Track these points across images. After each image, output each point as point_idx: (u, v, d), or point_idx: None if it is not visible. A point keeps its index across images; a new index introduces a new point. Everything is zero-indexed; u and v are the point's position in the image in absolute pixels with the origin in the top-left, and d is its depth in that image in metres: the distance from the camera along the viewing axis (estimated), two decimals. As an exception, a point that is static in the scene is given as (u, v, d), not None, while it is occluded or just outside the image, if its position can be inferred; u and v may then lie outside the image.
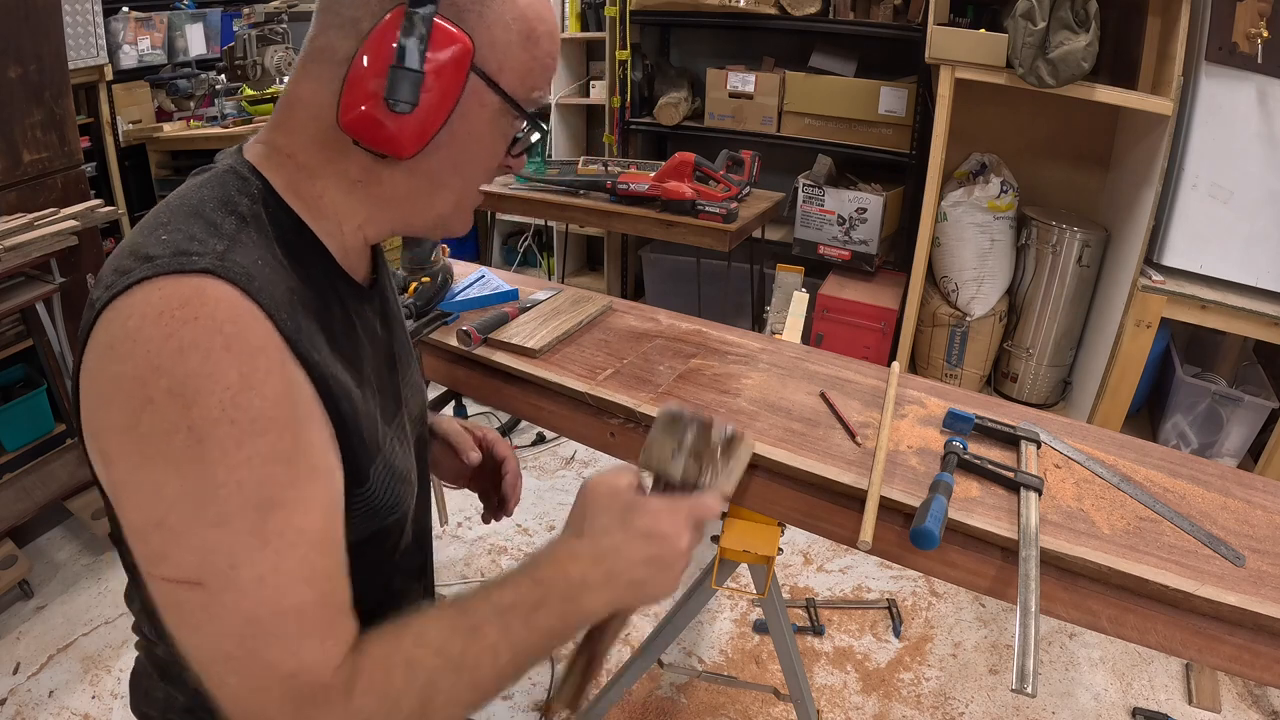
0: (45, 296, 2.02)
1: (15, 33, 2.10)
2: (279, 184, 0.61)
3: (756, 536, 1.10)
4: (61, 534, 2.27)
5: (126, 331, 0.50)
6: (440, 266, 1.37)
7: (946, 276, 2.75)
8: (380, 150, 0.59)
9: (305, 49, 0.61)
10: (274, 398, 0.52)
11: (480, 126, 0.62)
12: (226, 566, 0.50)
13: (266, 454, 0.51)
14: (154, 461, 0.49)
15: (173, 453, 0.49)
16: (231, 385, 0.50)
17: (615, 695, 1.50)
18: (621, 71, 3.21)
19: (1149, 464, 0.95)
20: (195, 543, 0.50)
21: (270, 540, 0.51)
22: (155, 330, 0.50)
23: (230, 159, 0.62)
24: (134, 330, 0.50)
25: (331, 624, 0.55)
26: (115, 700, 1.75)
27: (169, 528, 0.50)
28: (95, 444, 0.54)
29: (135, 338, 0.50)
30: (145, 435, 0.49)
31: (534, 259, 4.00)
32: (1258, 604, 0.72)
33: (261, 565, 0.51)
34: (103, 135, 3.11)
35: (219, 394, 0.49)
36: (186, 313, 0.50)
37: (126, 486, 0.52)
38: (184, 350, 0.49)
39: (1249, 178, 2.14)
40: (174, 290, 0.51)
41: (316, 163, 0.61)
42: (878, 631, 2.00)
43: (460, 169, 0.64)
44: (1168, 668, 1.91)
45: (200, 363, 0.49)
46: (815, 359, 1.17)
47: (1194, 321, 2.25)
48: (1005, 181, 2.62)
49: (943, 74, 2.37)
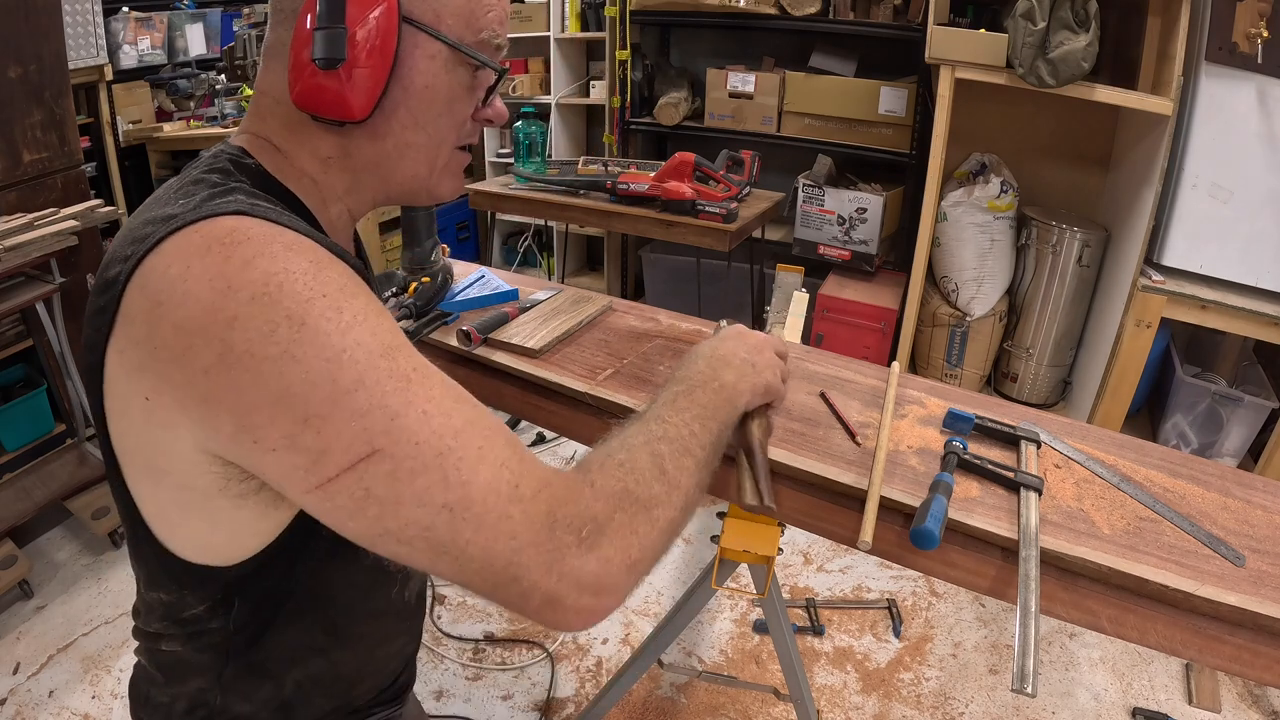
0: (45, 296, 2.03)
1: (15, 33, 2.10)
2: (269, 166, 0.63)
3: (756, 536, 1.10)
4: (61, 534, 2.28)
5: (172, 279, 0.49)
6: (440, 266, 1.37)
7: (946, 276, 2.75)
8: (332, 117, 0.59)
9: (263, 52, 0.64)
10: (346, 272, 0.53)
11: (433, 79, 0.62)
12: (388, 421, 0.48)
13: (364, 309, 0.51)
14: (266, 368, 0.47)
15: (281, 348, 0.47)
16: (307, 269, 0.50)
17: (615, 695, 1.50)
18: (621, 71, 3.21)
19: (1149, 464, 0.95)
20: (347, 417, 0.48)
21: (410, 377, 0.51)
22: (208, 262, 0.48)
23: (218, 146, 0.64)
24: (182, 274, 0.49)
25: (505, 430, 0.55)
26: (115, 700, 1.75)
27: (315, 419, 0.47)
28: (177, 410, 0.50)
29: (187, 278, 0.48)
30: (245, 351, 0.47)
31: (534, 259, 4.00)
32: (1258, 604, 0.72)
33: (417, 400, 0.50)
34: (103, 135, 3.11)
35: (299, 278, 0.49)
36: (234, 238, 0.50)
37: (250, 413, 0.48)
38: (248, 262, 0.49)
39: (1249, 178, 2.14)
40: (209, 229, 0.50)
41: (290, 146, 0.63)
42: (878, 631, 2.00)
43: (423, 125, 0.64)
44: (1168, 668, 1.91)
45: (269, 264, 0.49)
46: (815, 359, 1.17)
47: (1194, 321, 2.24)
48: (1005, 181, 2.62)
49: (943, 74, 2.37)
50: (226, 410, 0.48)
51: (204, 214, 0.51)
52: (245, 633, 0.64)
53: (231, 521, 0.57)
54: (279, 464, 0.49)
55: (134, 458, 0.57)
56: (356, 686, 0.75)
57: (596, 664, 1.89)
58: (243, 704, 0.67)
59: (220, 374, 0.47)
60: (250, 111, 0.65)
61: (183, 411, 0.50)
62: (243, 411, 0.48)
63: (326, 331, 0.48)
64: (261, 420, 0.48)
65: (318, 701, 0.71)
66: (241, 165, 0.61)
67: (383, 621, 0.75)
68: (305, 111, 0.60)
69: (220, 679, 0.66)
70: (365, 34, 0.57)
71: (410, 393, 0.50)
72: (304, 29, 0.57)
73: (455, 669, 1.87)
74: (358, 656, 0.73)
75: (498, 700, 1.79)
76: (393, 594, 0.75)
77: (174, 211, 0.52)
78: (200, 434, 0.51)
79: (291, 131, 0.63)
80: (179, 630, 0.64)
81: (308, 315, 0.48)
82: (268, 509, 0.58)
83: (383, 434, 0.48)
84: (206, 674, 0.66)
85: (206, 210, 0.51)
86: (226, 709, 0.67)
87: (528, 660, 1.90)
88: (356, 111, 0.59)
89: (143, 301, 0.50)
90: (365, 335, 0.50)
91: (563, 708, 1.78)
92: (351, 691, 0.75)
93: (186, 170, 0.62)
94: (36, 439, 2.35)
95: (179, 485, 0.55)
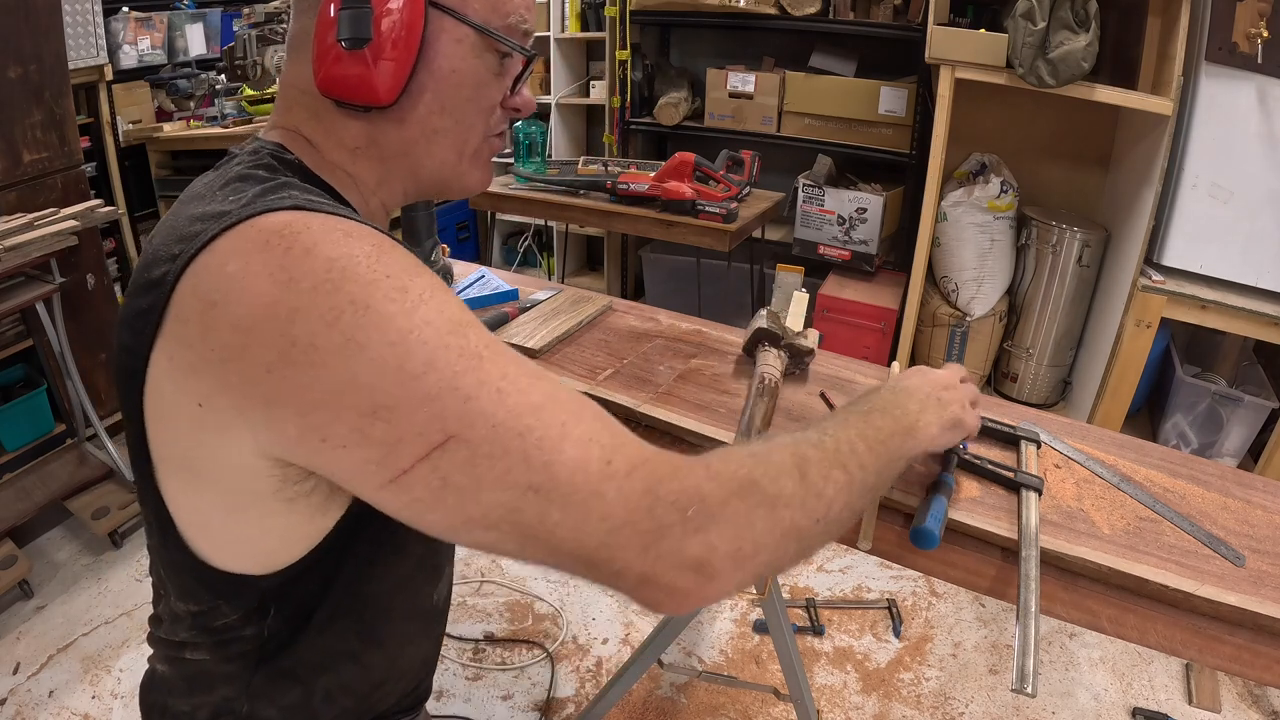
0: (45, 296, 2.02)
1: (15, 33, 2.10)
2: (308, 162, 0.62)
3: (756, 536, 1.10)
4: (61, 534, 2.27)
5: (230, 277, 0.47)
6: (440, 266, 1.37)
7: (946, 276, 2.75)
8: (357, 101, 0.58)
9: (287, 44, 0.64)
10: (408, 254, 0.51)
11: (460, 63, 0.61)
12: (462, 404, 0.46)
13: (430, 287, 0.49)
14: (331, 359, 0.45)
15: (346, 335, 0.45)
16: (369, 253, 0.48)
17: (615, 695, 1.50)
18: (621, 71, 3.21)
19: (1149, 464, 0.95)
20: (418, 403, 0.45)
21: (481, 354, 0.48)
22: (268, 257, 0.47)
23: (254, 142, 0.63)
24: (241, 270, 0.47)
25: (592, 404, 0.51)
26: (115, 700, 1.75)
27: (386, 408, 0.45)
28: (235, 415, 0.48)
29: (245, 274, 0.46)
30: (308, 344, 0.45)
31: (534, 259, 4.00)
32: (1258, 604, 0.72)
33: (490, 379, 0.47)
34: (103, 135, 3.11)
35: (362, 262, 0.47)
36: (293, 229, 0.48)
37: (317, 410, 0.46)
38: (309, 251, 0.47)
39: (1249, 178, 2.14)
40: (267, 223, 0.49)
41: (318, 137, 0.62)
42: (878, 631, 2.00)
43: (450, 110, 0.63)
44: (1168, 668, 1.90)
45: (331, 250, 0.47)
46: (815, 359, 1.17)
47: (1194, 321, 2.24)
48: (1005, 181, 2.62)
49: (943, 74, 2.37)
50: (292, 410, 0.46)
51: (259, 209, 0.49)
52: (278, 639, 0.62)
53: (281, 526, 0.56)
54: (350, 461, 0.47)
55: (175, 465, 0.55)
56: (382, 688, 0.74)
57: (596, 664, 1.89)
58: (269, 709, 0.66)
59: (283, 371, 0.45)
60: (278, 106, 0.65)
61: (242, 416, 0.48)
62: (308, 409, 0.46)
63: (391, 314, 0.46)
64: (328, 417, 0.46)
65: (343, 704, 0.71)
66: (285, 161, 0.60)
67: (413, 623, 0.75)
68: (330, 97, 0.59)
69: (248, 687, 0.64)
70: (391, 15, 0.56)
71: (483, 371, 0.47)
72: (328, 13, 0.57)
73: (455, 669, 1.87)
74: (387, 657, 0.72)
75: (498, 700, 1.79)
76: (425, 594, 0.74)
77: (225, 208, 0.50)
78: (262, 438, 0.49)
79: (319, 121, 0.62)
80: (208, 639, 0.63)
81: (371, 298, 0.46)
82: (317, 512, 0.56)
83: (456, 418, 0.45)
84: (234, 682, 0.64)
85: (261, 206, 0.50)
86: (253, 715, 0.65)
87: (528, 660, 1.90)
88: (382, 95, 0.58)
89: (196, 302, 0.48)
90: (432, 313, 0.47)
91: (563, 708, 1.78)
92: (375, 694, 0.74)
93: (224, 166, 0.61)
94: (36, 439, 2.34)
95: (228, 490, 0.53)
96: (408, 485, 0.46)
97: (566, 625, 1.99)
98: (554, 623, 2.01)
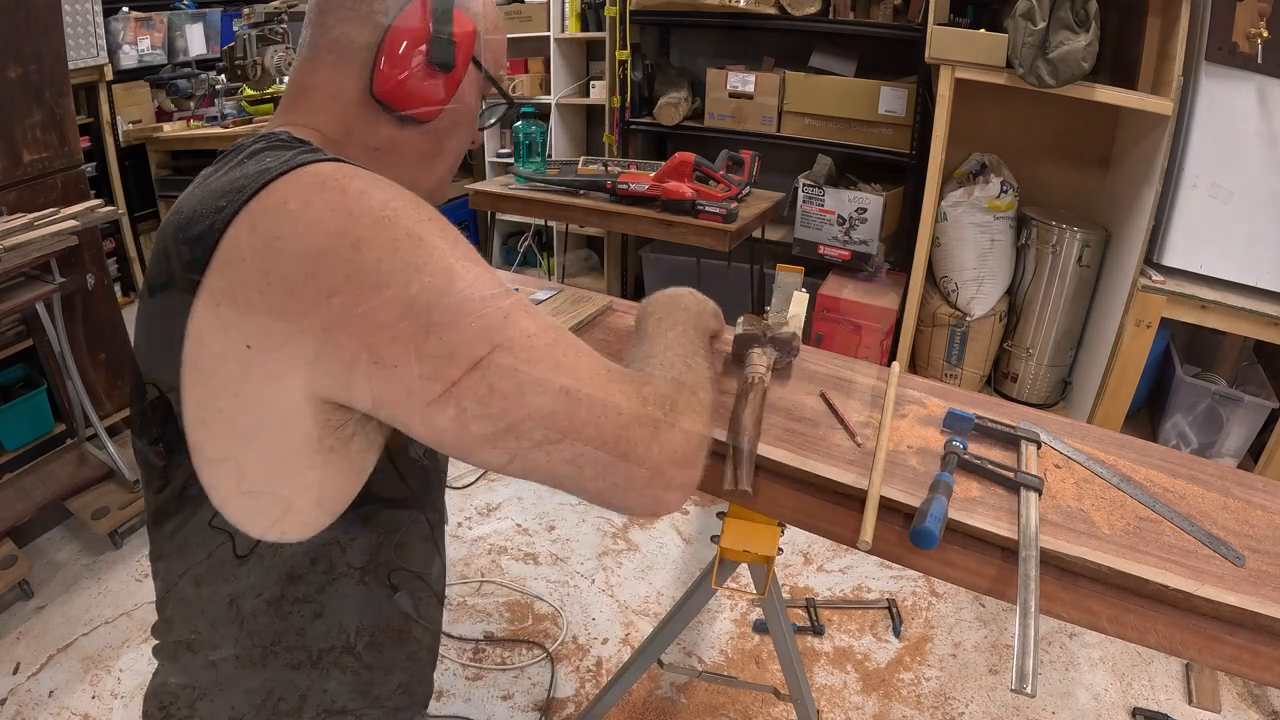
0: (45, 296, 2.02)
1: (15, 33, 2.10)
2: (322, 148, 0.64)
3: (756, 537, 1.10)
4: (61, 534, 2.27)
5: (293, 213, 0.51)
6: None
7: (946, 276, 2.75)
8: (410, 112, 0.66)
9: (314, 42, 0.66)
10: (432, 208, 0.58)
11: (471, 99, 0.72)
12: (502, 318, 0.53)
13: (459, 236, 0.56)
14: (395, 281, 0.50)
15: (406, 260, 0.51)
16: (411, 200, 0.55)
17: (615, 695, 1.50)
18: (621, 71, 3.21)
19: (1149, 464, 0.95)
20: (470, 319, 0.51)
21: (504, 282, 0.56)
22: (328, 196, 0.52)
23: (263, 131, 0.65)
24: (303, 207, 0.51)
25: None
26: (115, 700, 1.75)
27: (437, 327, 0.51)
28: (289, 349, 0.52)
29: (308, 209, 0.51)
30: (373, 269, 0.50)
31: (534, 259, 4.00)
32: (1258, 604, 0.72)
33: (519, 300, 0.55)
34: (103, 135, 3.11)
35: (410, 208, 0.54)
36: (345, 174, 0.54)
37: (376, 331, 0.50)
38: (364, 193, 0.53)
39: (1249, 178, 2.14)
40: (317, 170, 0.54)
41: (339, 135, 0.66)
42: (878, 631, 2.00)
43: (456, 134, 0.72)
44: (1168, 668, 1.91)
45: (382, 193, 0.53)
46: (815, 359, 1.17)
47: (1194, 321, 2.24)
48: (1005, 181, 2.62)
49: (943, 74, 2.37)
50: (351, 333, 0.50)
51: (304, 161, 0.54)
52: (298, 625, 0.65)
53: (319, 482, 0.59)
54: (401, 380, 0.51)
55: (218, 426, 0.56)
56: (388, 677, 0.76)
57: (596, 664, 1.89)
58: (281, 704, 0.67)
59: (347, 294, 0.50)
60: (290, 105, 0.67)
61: (296, 349, 0.51)
62: (368, 330, 0.50)
63: (440, 248, 0.53)
64: (386, 338, 0.50)
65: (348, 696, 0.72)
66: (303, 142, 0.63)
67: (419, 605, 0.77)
68: (386, 103, 0.65)
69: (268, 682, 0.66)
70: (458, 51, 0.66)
71: (512, 296, 0.55)
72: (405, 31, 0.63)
73: (455, 669, 1.87)
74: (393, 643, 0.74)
75: (498, 700, 1.79)
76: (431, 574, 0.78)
77: (266, 166, 0.55)
78: (313, 372, 0.52)
79: (344, 123, 0.66)
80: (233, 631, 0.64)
81: (424, 233, 0.52)
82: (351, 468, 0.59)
83: (500, 329, 0.52)
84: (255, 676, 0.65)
85: (305, 159, 0.55)
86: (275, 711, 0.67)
87: (528, 660, 1.90)
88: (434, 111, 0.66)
89: (254, 240, 0.51)
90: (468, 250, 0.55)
91: (563, 708, 1.78)
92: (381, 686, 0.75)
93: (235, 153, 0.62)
94: (36, 439, 2.35)
95: (272, 443, 0.55)
96: (457, 396, 0.51)
97: (566, 625, 1.99)
98: (554, 623, 2.01)
